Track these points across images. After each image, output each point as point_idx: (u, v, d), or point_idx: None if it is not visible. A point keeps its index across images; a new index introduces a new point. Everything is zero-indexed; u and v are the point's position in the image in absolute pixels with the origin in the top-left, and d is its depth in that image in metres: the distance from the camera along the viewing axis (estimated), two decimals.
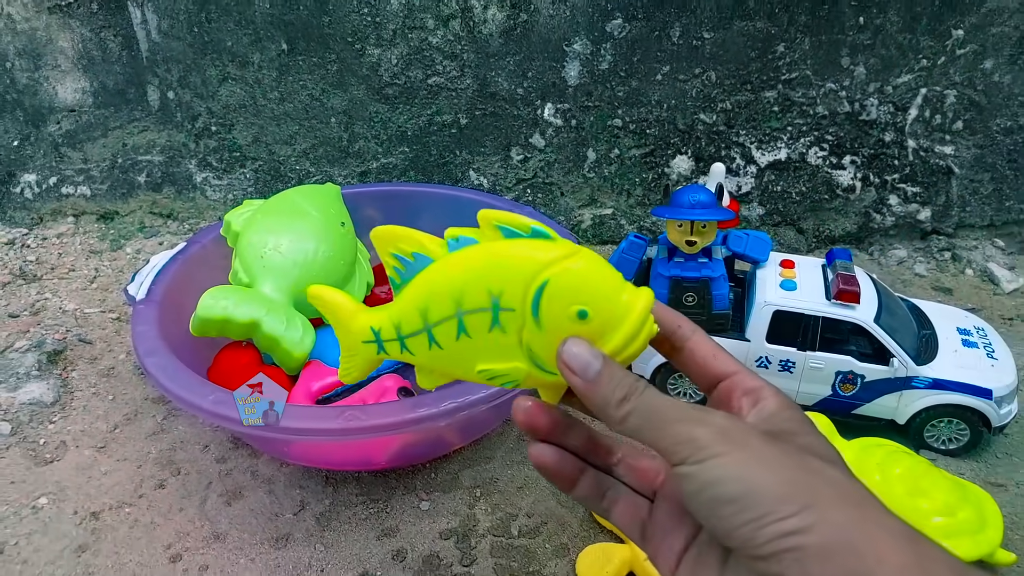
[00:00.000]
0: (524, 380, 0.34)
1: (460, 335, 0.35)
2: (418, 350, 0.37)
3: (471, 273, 0.34)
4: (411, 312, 0.36)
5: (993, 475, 0.62)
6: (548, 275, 0.32)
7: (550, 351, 0.33)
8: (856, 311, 0.62)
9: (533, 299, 0.32)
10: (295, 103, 1.00)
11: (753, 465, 0.28)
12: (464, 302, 0.34)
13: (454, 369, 0.37)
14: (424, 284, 0.36)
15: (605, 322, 0.32)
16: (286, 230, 0.72)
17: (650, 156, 0.98)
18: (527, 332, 0.33)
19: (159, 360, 0.56)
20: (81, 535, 0.57)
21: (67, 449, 0.66)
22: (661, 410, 0.30)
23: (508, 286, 0.33)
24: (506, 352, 0.34)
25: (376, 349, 0.39)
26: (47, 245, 1.00)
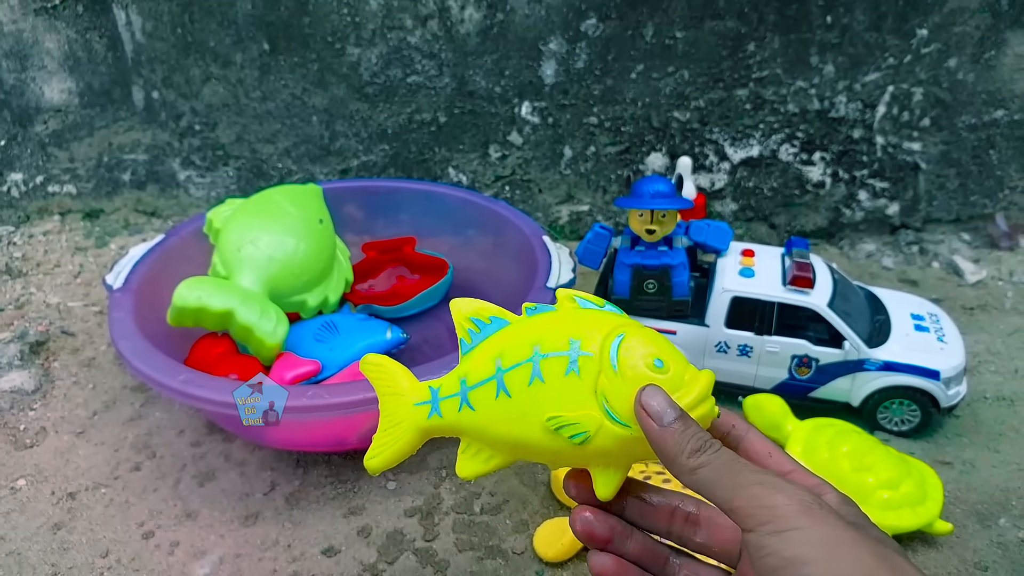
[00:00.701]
0: (595, 432, 0.34)
1: (533, 380, 0.35)
2: (482, 402, 0.36)
3: (551, 325, 0.36)
4: (483, 361, 0.36)
5: (941, 454, 0.64)
6: (625, 330, 0.34)
7: (625, 401, 0.33)
8: (810, 296, 0.64)
9: (612, 346, 0.34)
10: (277, 102, 1.02)
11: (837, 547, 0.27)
12: (543, 346, 0.35)
13: (519, 423, 0.35)
14: (501, 335, 0.37)
15: (678, 376, 0.33)
16: (264, 226, 0.74)
17: (625, 153, 1.00)
18: (604, 378, 0.34)
19: (132, 344, 0.58)
20: (57, 514, 0.59)
21: (47, 434, 0.68)
22: (738, 469, 0.29)
23: (588, 333, 0.34)
24: (580, 400, 0.34)
25: (428, 411, 0.37)
26: (33, 243, 1.02)
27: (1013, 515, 0.58)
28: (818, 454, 0.58)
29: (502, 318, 0.37)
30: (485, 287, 0.85)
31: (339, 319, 0.75)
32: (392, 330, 0.73)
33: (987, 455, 0.64)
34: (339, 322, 0.75)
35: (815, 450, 0.58)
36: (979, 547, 0.55)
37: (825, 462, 0.57)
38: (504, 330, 0.37)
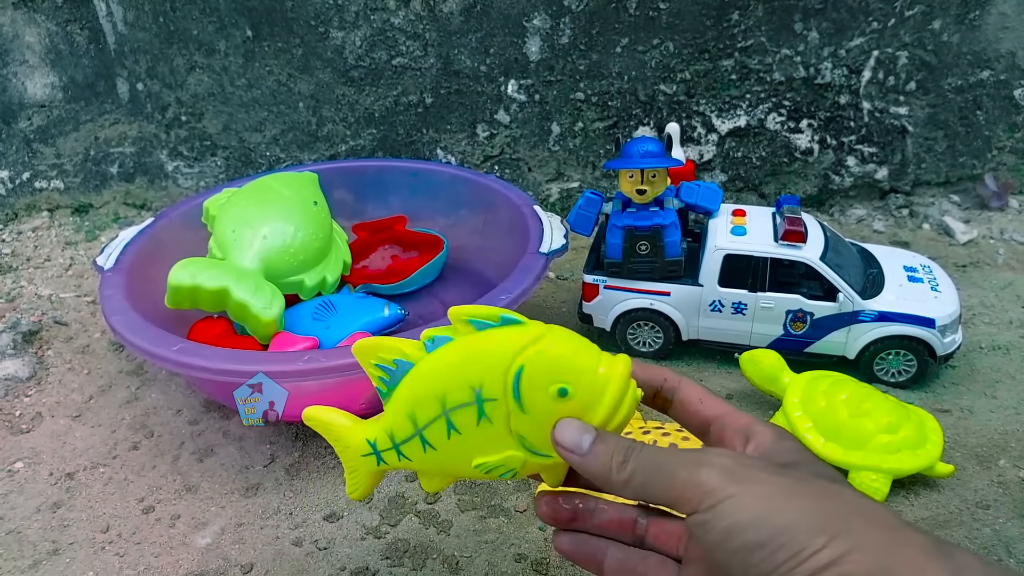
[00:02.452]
0: (521, 468, 0.35)
1: (451, 433, 0.36)
2: (414, 455, 0.38)
3: (450, 371, 0.35)
4: (401, 419, 0.37)
5: (939, 402, 0.64)
6: (523, 360, 0.33)
7: (540, 435, 0.34)
8: (802, 250, 0.64)
9: (513, 386, 0.33)
10: (263, 89, 1.02)
11: (771, 501, 0.26)
12: (448, 400, 0.35)
13: (452, 468, 0.37)
14: (408, 389, 0.37)
15: (587, 396, 0.33)
16: (258, 208, 0.74)
17: (613, 128, 1.00)
18: (514, 419, 0.34)
19: (125, 318, 0.58)
20: (56, 493, 0.59)
21: (42, 419, 0.67)
22: (662, 462, 0.29)
23: (487, 377, 0.34)
24: (498, 443, 0.35)
25: (376, 461, 0.39)
26: (22, 239, 1.01)
27: (1012, 456, 0.58)
28: (815, 403, 0.58)
29: (405, 360, 0.37)
30: (479, 265, 0.85)
31: (337, 299, 0.75)
32: (390, 307, 0.73)
33: (984, 401, 0.64)
34: (337, 301, 0.75)
35: (812, 399, 0.58)
36: (980, 487, 0.55)
37: (823, 410, 0.57)
38: (410, 379, 0.37)
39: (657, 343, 0.71)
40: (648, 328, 0.70)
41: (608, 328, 0.71)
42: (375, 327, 0.71)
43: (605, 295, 0.70)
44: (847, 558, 0.24)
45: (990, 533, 0.51)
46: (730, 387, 0.68)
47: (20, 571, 0.52)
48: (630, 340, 0.71)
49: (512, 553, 0.51)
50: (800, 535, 0.25)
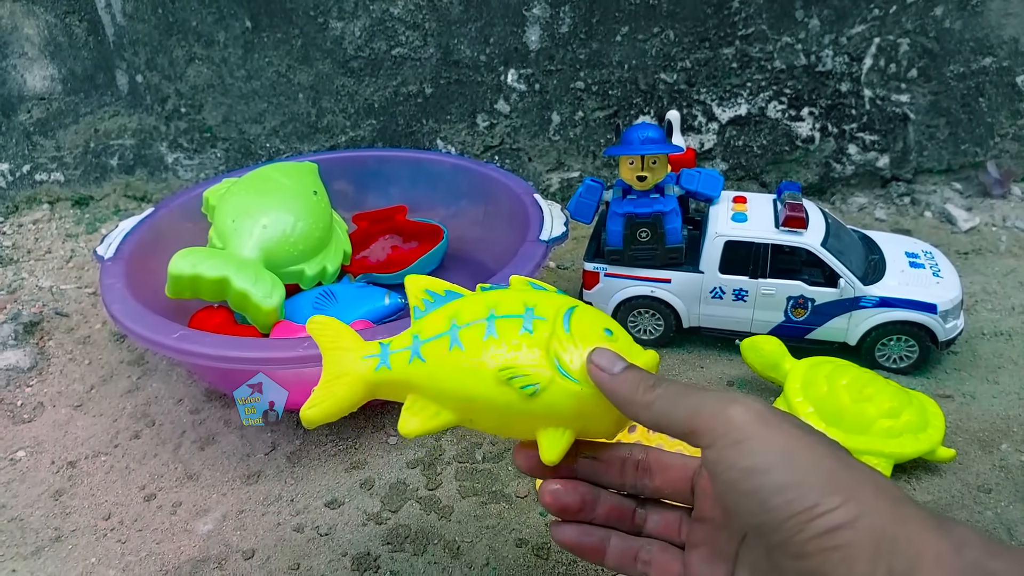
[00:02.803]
0: (546, 384, 0.34)
1: (488, 336, 0.35)
2: (434, 355, 0.36)
3: (507, 295, 0.37)
4: (437, 319, 0.37)
5: (941, 388, 0.64)
6: (575, 304, 0.36)
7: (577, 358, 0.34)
8: (804, 236, 0.64)
9: (564, 314, 0.35)
10: (262, 80, 1.01)
11: (795, 451, 0.26)
12: (499, 308, 0.36)
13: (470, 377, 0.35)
14: (456, 303, 0.37)
15: (625, 346, 0.35)
16: (258, 198, 0.74)
17: (614, 117, 1.00)
18: (555, 339, 0.34)
19: (125, 307, 0.58)
20: (58, 481, 0.59)
21: (44, 409, 0.67)
22: (691, 391, 0.30)
23: (542, 303, 0.36)
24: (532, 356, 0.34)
25: (376, 364, 0.37)
26: (23, 232, 1.01)
27: (1014, 440, 0.58)
28: (817, 388, 0.58)
29: (457, 292, 0.38)
30: (479, 255, 0.85)
31: (337, 288, 0.75)
32: (390, 296, 0.73)
33: (987, 387, 0.64)
34: (337, 291, 0.75)
35: (814, 385, 0.58)
36: (982, 471, 0.55)
37: (824, 396, 0.57)
38: (459, 300, 0.37)
39: (658, 331, 0.71)
40: (649, 316, 0.70)
41: (610, 312, 0.71)
42: (376, 315, 0.71)
43: (605, 283, 0.70)
44: (858, 523, 0.25)
45: (992, 516, 0.51)
46: (731, 374, 0.67)
47: (23, 557, 0.52)
48: (631, 328, 0.71)
49: (513, 538, 0.51)
50: (817, 490, 0.25)
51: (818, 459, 0.26)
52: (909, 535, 0.25)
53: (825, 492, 0.25)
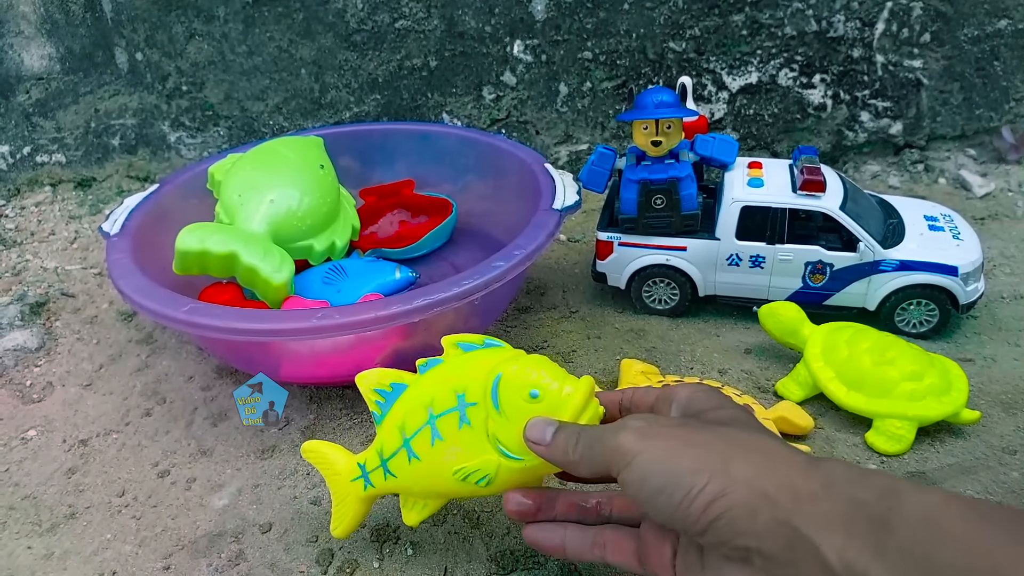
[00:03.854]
0: (495, 472, 0.39)
1: (435, 440, 0.41)
2: (400, 468, 0.43)
3: (440, 381, 0.42)
4: (392, 433, 0.43)
5: (962, 352, 0.63)
6: (501, 369, 0.39)
7: (513, 435, 0.38)
8: (822, 200, 0.63)
9: (492, 389, 0.39)
10: (264, 56, 1.00)
11: (668, 452, 0.31)
12: (435, 406, 0.41)
13: (433, 480, 0.42)
14: (401, 404, 0.43)
15: (554, 401, 0.38)
16: (264, 172, 0.73)
17: (622, 87, 0.98)
18: (491, 422, 0.39)
19: (132, 281, 0.57)
20: (71, 459, 0.58)
21: (53, 388, 0.66)
22: (596, 436, 0.34)
23: (471, 383, 0.40)
24: (476, 448, 0.40)
25: (364, 485, 0.45)
26: (25, 214, 1.00)
27: None
28: (837, 353, 0.57)
29: (401, 383, 0.43)
30: (489, 228, 0.83)
31: (347, 263, 0.74)
32: (401, 270, 0.72)
33: (1008, 350, 0.63)
34: (347, 265, 0.74)
35: (834, 350, 0.57)
36: (1006, 433, 0.54)
37: (845, 360, 0.56)
38: (404, 396, 0.43)
39: (673, 300, 0.70)
40: (664, 285, 0.69)
41: (623, 286, 0.70)
42: (387, 290, 0.70)
43: (619, 252, 0.69)
44: (728, 491, 0.29)
45: (1018, 477, 0.51)
46: (748, 342, 0.67)
47: (38, 534, 0.51)
48: (645, 298, 0.70)
49: None
50: (687, 477, 0.30)
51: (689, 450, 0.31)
52: (780, 483, 0.28)
53: (694, 475, 0.30)
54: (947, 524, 0.25)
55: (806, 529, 0.27)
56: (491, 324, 0.70)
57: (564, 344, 0.67)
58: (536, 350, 0.67)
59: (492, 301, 0.64)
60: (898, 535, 0.25)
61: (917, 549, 0.25)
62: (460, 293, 0.54)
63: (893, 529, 0.26)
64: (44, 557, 0.50)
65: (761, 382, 0.61)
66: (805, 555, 0.27)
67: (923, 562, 0.25)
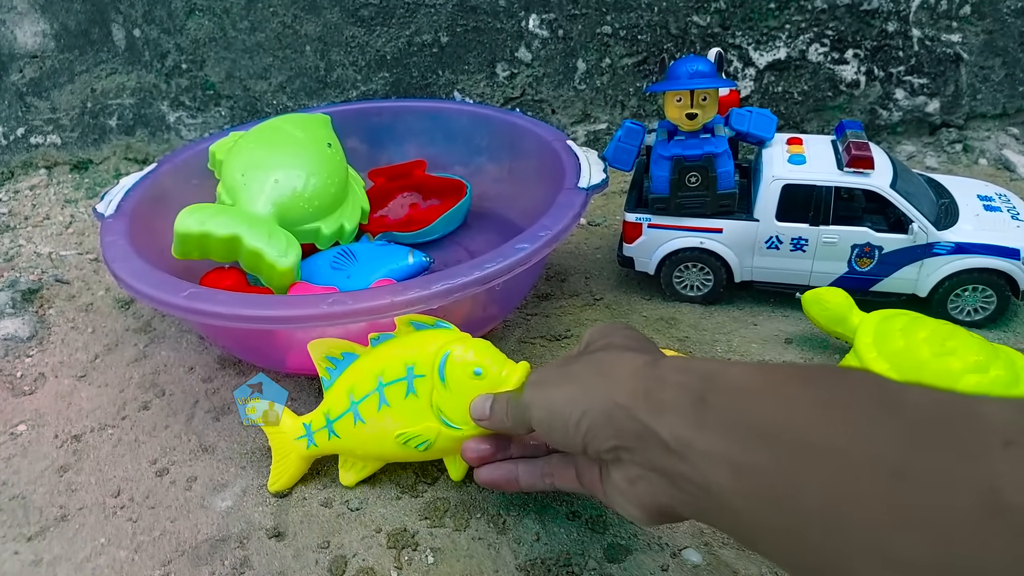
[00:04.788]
0: (435, 438, 0.44)
1: (381, 406, 0.44)
2: (344, 430, 0.46)
3: (391, 353, 0.45)
4: (340, 396, 0.46)
5: (1022, 341, 0.58)
6: (450, 347, 0.44)
7: (455, 409, 0.43)
8: (871, 177, 0.58)
9: (439, 365, 0.43)
10: (267, 32, 0.95)
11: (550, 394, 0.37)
12: (385, 375, 0.44)
13: (375, 443, 0.46)
14: (352, 370, 0.46)
15: (495, 379, 0.42)
16: (269, 151, 0.68)
17: (643, 64, 0.94)
18: (436, 394, 0.43)
19: (128, 265, 0.52)
20: (63, 456, 0.54)
21: (45, 380, 0.62)
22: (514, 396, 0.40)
23: (420, 357, 0.44)
24: (420, 415, 0.44)
25: (307, 443, 0.47)
26: (20, 198, 0.96)
27: None
28: (892, 343, 0.52)
29: (352, 352, 0.46)
30: (505, 211, 0.79)
31: (357, 247, 0.70)
32: (414, 254, 0.68)
33: None
34: (357, 250, 0.69)
35: (888, 339, 0.53)
36: None
37: (901, 351, 0.52)
38: (354, 364, 0.46)
39: (706, 286, 0.65)
40: (697, 270, 0.64)
41: (652, 271, 0.66)
42: (400, 275, 0.66)
43: (649, 235, 0.64)
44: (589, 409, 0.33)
45: None
46: (788, 331, 0.62)
47: (26, 538, 0.47)
48: (676, 284, 0.66)
49: (564, 511, 0.47)
50: (563, 409, 0.35)
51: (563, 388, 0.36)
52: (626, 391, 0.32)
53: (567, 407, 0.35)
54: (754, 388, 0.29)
55: (647, 419, 0.31)
56: (511, 312, 0.66)
57: None
58: (559, 339, 0.63)
59: (513, 287, 0.60)
60: (714, 406, 0.29)
61: (730, 415, 0.29)
62: (482, 277, 0.49)
63: (709, 403, 0.29)
64: (32, 563, 0.46)
65: None
66: (651, 441, 0.31)
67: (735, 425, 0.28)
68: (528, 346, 0.62)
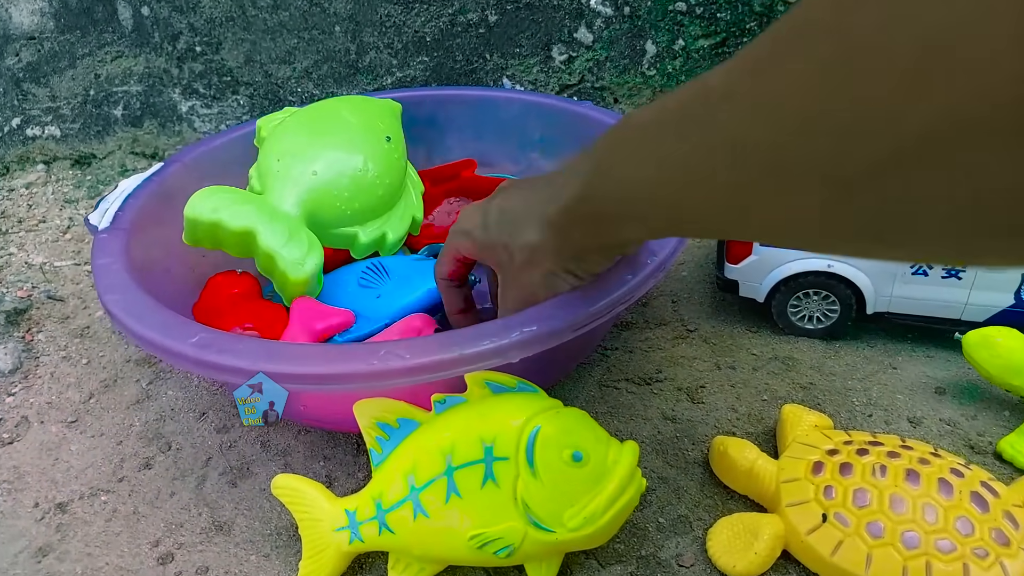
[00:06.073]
0: (521, 542, 0.34)
1: (450, 496, 0.34)
2: (401, 526, 0.36)
3: (462, 425, 0.36)
4: (395, 479, 0.36)
5: None
6: (540, 420, 0.34)
7: (547, 502, 0.34)
8: None
9: (527, 444, 0.34)
10: (291, 11, 0.84)
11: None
12: (455, 456, 0.35)
13: (441, 545, 0.35)
14: (411, 445, 0.36)
15: (599, 467, 0.34)
16: (314, 137, 0.58)
17: (722, 46, 0.81)
18: (522, 484, 0.34)
19: (124, 298, 0.41)
20: (43, 533, 0.43)
21: (29, 426, 0.52)
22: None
23: (501, 434, 0.34)
24: (500, 511, 0.34)
25: (349, 537, 0.37)
26: (14, 197, 0.86)
27: None
28: None
29: (411, 419, 0.37)
30: None
31: (391, 262, 0.58)
32: None
33: None
34: (391, 265, 0.58)
35: None
36: None
37: None
38: (413, 436, 0.37)
39: (830, 317, 0.53)
40: (819, 298, 0.53)
41: (761, 299, 0.54)
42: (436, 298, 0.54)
43: (762, 254, 0.52)
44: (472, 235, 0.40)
45: None
46: (938, 377, 0.50)
47: None
48: (791, 314, 0.54)
49: None
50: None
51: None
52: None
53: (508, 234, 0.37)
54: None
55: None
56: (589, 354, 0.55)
57: (687, 376, 0.51)
58: (649, 383, 0.51)
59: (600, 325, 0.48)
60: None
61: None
62: (576, 323, 0.38)
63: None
64: None
65: (971, 437, 0.45)
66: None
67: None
68: (611, 391, 0.51)
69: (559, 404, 0.37)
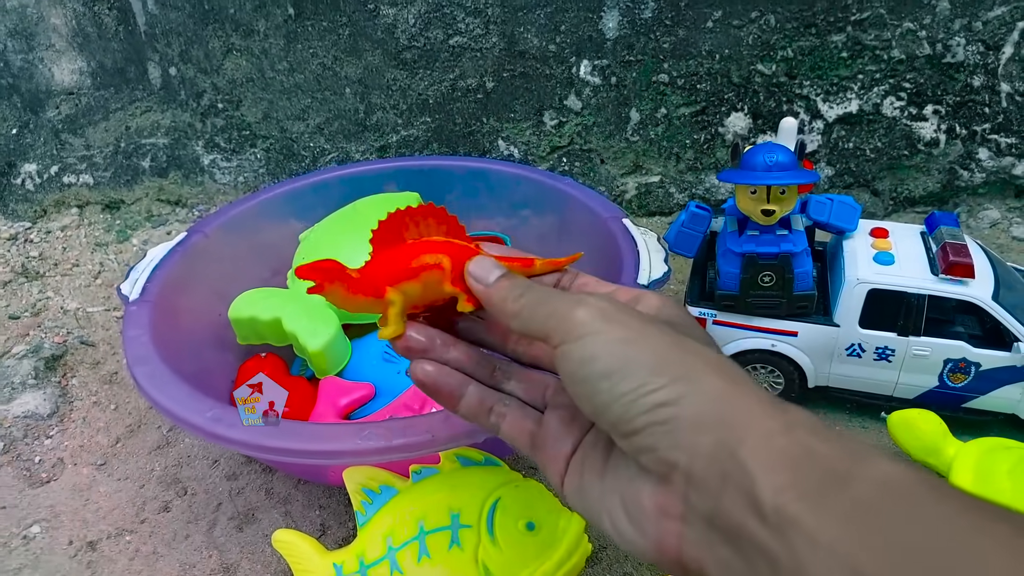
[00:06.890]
0: None
1: (422, 557, 0.40)
2: None
3: (434, 495, 0.41)
4: (376, 539, 0.41)
5: None
6: (501, 493, 0.40)
7: (503, 566, 0.38)
8: (970, 287, 0.52)
9: (488, 514, 0.39)
10: (306, 74, 0.91)
11: (628, 341, 0.28)
12: (427, 521, 0.40)
13: None
14: (390, 511, 0.42)
15: (549, 536, 0.39)
16: (338, 236, 0.68)
17: (701, 114, 0.87)
18: (482, 549, 0.39)
19: (149, 369, 0.48)
20: (75, 570, 0.51)
21: (64, 467, 0.59)
22: (548, 297, 0.30)
23: (467, 504, 0.40)
24: (464, 572, 0.39)
25: None
26: (51, 239, 0.94)
27: None
28: (995, 484, 0.46)
29: (391, 486, 0.42)
30: None
31: None
32: None
33: None
34: None
35: (991, 480, 0.46)
36: None
37: (1008, 495, 0.45)
38: (393, 501, 0.42)
39: (776, 389, 0.59)
40: (766, 372, 0.59)
41: None
42: None
43: (714, 332, 0.58)
44: (683, 400, 0.25)
45: None
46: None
47: None
48: None
49: None
50: (643, 371, 0.26)
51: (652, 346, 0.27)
52: (738, 412, 0.25)
53: (652, 374, 0.26)
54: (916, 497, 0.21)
55: (749, 462, 0.24)
56: None
57: None
58: None
59: None
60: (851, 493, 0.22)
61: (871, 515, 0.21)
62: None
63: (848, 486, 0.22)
64: None
65: None
66: (736, 488, 0.23)
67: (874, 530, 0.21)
68: None
69: (519, 477, 0.42)
